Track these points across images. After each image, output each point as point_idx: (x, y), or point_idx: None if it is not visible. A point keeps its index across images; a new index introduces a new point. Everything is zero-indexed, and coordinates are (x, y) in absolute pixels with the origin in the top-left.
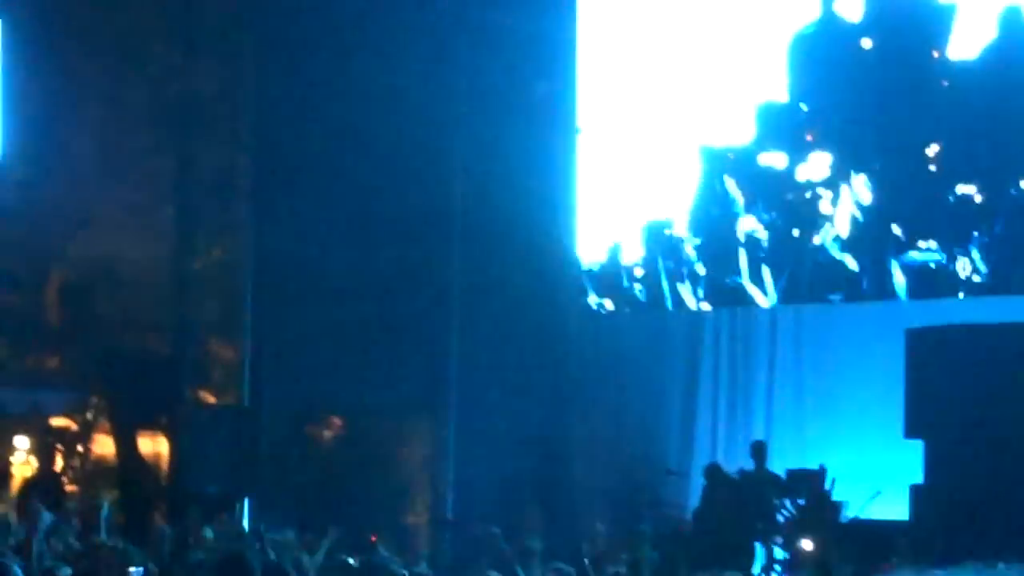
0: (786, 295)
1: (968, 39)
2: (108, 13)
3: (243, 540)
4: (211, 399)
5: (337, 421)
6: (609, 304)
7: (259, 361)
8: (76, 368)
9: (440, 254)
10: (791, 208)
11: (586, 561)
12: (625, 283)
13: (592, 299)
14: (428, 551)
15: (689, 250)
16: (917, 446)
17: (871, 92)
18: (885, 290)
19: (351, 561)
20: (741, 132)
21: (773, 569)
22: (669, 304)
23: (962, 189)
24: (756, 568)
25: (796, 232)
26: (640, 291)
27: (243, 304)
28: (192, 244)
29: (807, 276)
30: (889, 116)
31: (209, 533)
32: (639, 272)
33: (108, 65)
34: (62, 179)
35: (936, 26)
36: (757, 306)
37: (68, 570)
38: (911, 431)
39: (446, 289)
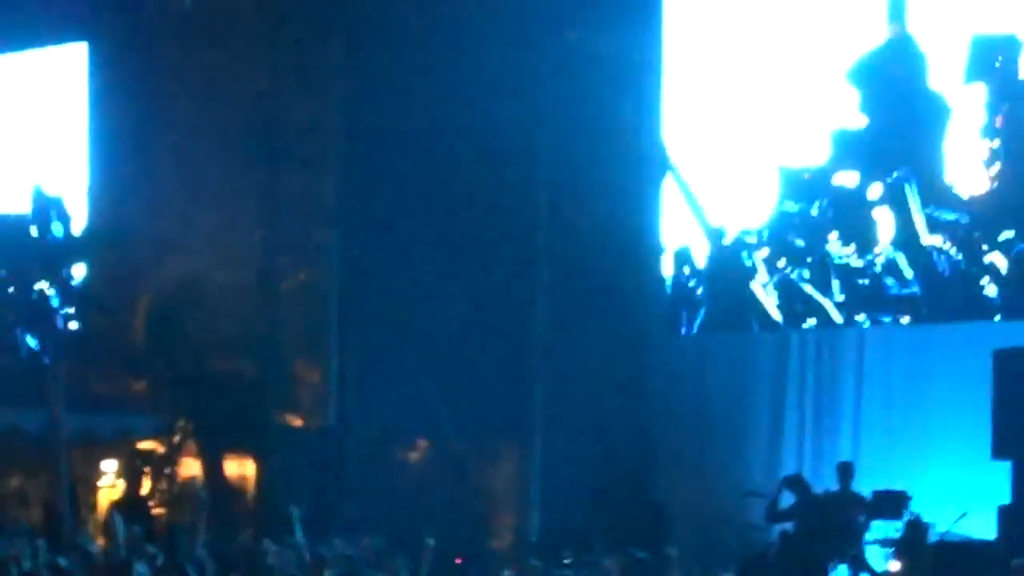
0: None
1: None
2: (194, 39)
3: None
4: (297, 421)
5: (423, 443)
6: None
7: (345, 383)
8: (163, 392)
9: (526, 277)
10: (866, 225)
11: None
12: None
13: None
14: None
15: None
16: (1005, 467)
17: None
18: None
19: None
20: (816, 153)
21: None
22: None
23: None
24: None
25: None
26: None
27: (328, 326)
28: (277, 267)
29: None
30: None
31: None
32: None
33: (194, 90)
34: (149, 203)
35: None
36: (843, 326)
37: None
38: (999, 452)
39: (532, 310)
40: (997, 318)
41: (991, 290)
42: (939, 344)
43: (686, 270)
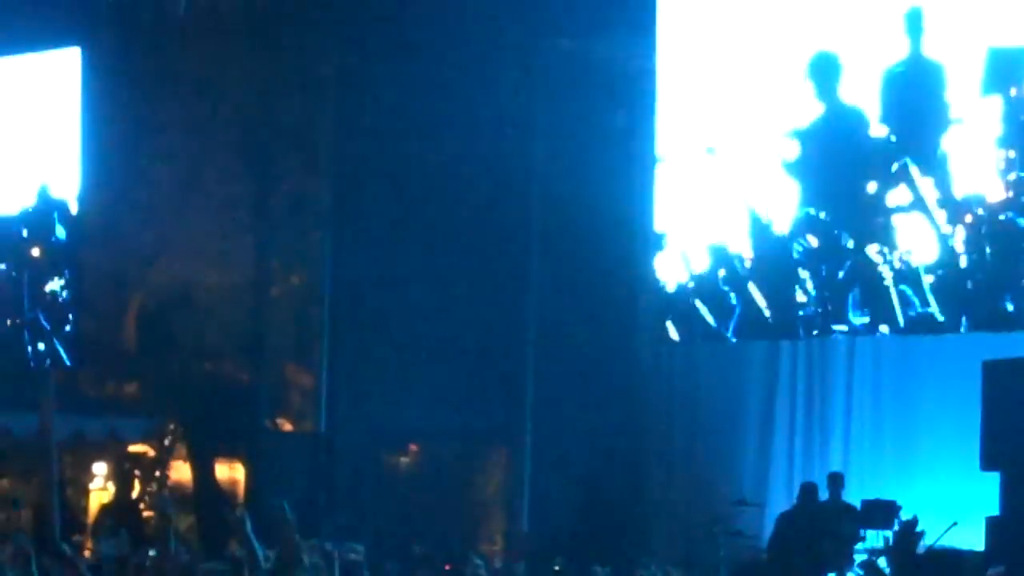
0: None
1: None
2: (187, 43)
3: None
4: (288, 426)
5: (413, 448)
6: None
7: (336, 388)
8: (154, 395)
9: (517, 282)
10: (884, 233)
11: None
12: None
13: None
14: None
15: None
16: (994, 478)
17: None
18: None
19: None
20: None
21: None
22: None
23: None
24: None
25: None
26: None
27: (320, 331)
28: (269, 271)
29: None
30: None
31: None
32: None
33: (187, 94)
34: (141, 207)
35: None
36: (834, 336)
37: None
38: (988, 463)
39: (522, 316)
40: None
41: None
42: (929, 354)
43: (720, 272)
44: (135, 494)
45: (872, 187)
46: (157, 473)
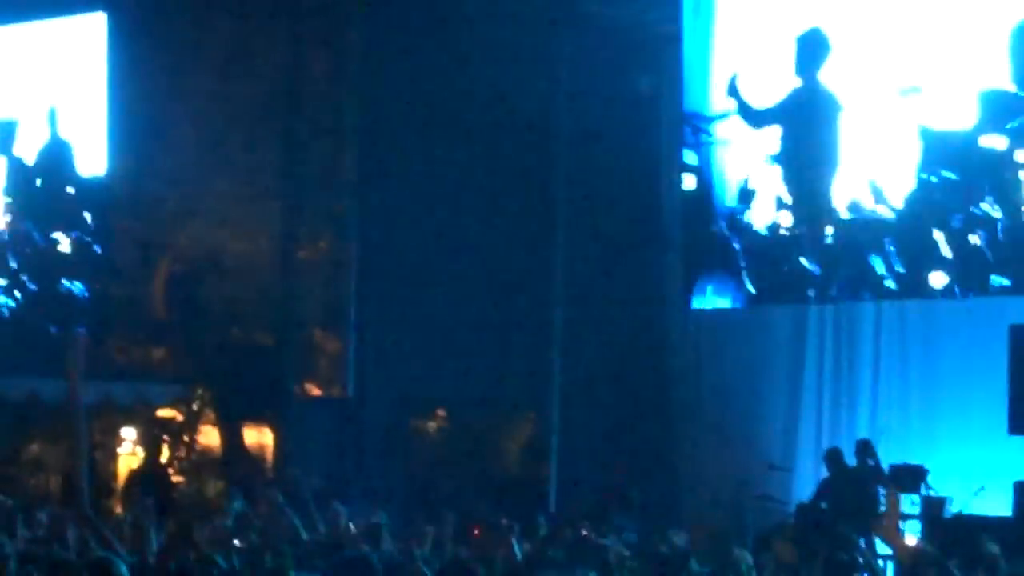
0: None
1: None
2: (213, 8)
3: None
4: (316, 390)
5: (441, 413)
6: None
7: (363, 353)
8: (182, 360)
9: (544, 248)
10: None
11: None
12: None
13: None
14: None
15: None
16: (1021, 442)
17: None
18: None
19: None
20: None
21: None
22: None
23: None
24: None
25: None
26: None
27: (348, 296)
28: (297, 236)
29: None
30: None
31: (321, 526)
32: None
33: (213, 60)
34: (169, 173)
35: None
36: (862, 301)
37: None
38: (1015, 427)
39: (550, 283)
40: None
41: None
42: (956, 319)
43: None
44: (164, 459)
45: (1002, 144)
46: (186, 438)
